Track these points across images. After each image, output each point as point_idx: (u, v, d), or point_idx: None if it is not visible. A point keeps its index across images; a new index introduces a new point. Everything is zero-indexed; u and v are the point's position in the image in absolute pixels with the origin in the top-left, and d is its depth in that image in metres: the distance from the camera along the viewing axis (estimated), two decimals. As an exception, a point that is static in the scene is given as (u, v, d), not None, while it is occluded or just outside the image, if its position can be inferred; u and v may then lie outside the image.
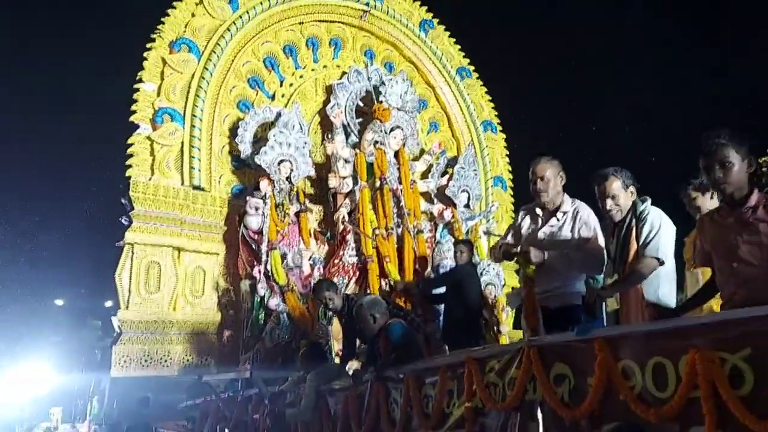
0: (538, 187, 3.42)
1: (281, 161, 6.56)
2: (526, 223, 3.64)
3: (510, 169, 9.09)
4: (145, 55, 6.57)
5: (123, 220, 6.24)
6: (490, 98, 9.17)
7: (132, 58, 6.64)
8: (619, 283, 2.99)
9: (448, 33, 8.97)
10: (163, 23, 6.72)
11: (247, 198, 6.41)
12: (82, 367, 10.57)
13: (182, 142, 6.54)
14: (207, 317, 6.45)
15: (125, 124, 6.40)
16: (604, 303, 2.87)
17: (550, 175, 3.43)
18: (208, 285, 6.54)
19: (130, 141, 6.36)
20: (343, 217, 6.79)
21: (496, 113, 9.16)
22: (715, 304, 2.57)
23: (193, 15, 6.84)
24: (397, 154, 7.20)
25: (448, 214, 7.52)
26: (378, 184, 6.86)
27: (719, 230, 2.41)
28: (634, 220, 3.03)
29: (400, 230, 6.84)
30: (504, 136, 9.15)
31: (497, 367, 2.97)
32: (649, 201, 3.09)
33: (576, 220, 3.38)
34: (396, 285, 6.37)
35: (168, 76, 6.58)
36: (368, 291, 6.37)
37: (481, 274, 6.74)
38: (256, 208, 6.32)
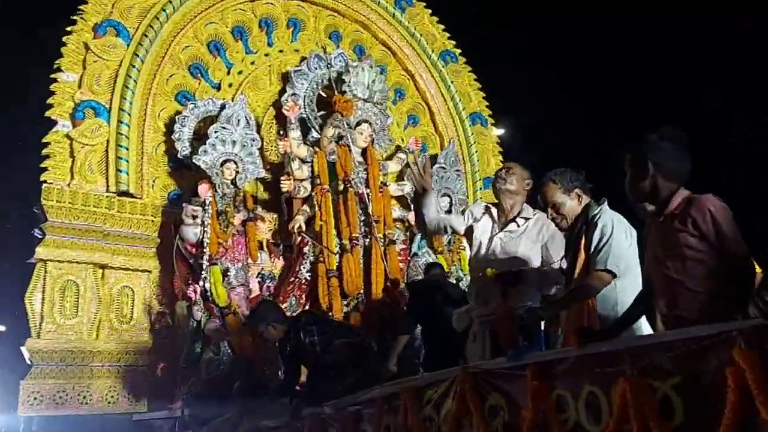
0: (500, 174, 3.68)
1: (224, 162, 6.53)
2: (483, 223, 3.74)
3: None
4: (64, 40, 6.50)
5: (36, 233, 6.18)
6: (480, 86, 9.15)
7: (49, 43, 6.64)
8: (561, 301, 3.02)
9: (429, 11, 8.95)
10: (86, 3, 6.67)
11: (184, 205, 6.38)
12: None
13: (107, 141, 6.46)
14: (137, 346, 6.34)
15: (41, 120, 6.34)
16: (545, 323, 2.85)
17: (518, 173, 3.66)
18: (137, 308, 6.45)
19: (46, 140, 6.28)
20: (299, 227, 6.75)
21: (487, 104, 9.13)
22: None
23: (121, -7, 6.82)
24: (364, 153, 7.20)
25: (426, 222, 7.50)
26: (341, 187, 6.84)
27: (649, 238, 2.42)
28: (584, 227, 3.03)
29: (367, 241, 6.83)
30: (496, 130, 9.14)
31: (434, 397, 2.97)
32: (605, 204, 3.08)
33: (541, 231, 3.57)
34: None
35: (91, 64, 6.51)
36: (330, 313, 6.37)
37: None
38: (194, 217, 6.30)
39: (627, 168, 2.50)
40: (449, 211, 7.70)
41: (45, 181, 6.19)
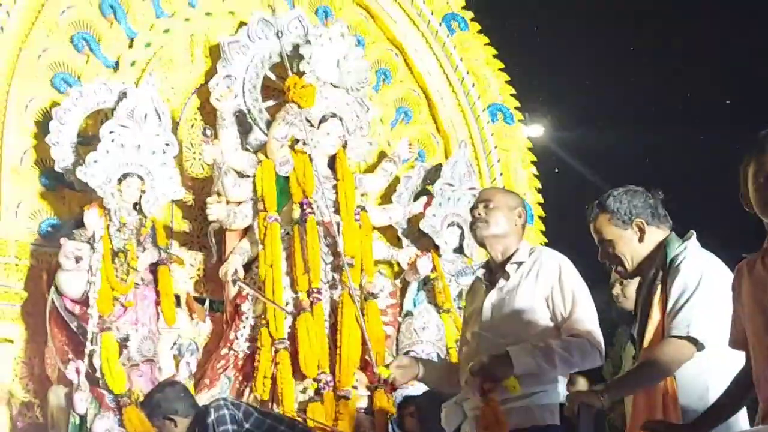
0: (476, 213, 3.83)
1: (124, 176, 6.57)
2: (476, 288, 4.02)
3: (539, 185, 9.16)
4: None
5: None
6: (503, 66, 9.27)
7: None
8: (623, 382, 3.20)
9: (426, -43, 9.12)
10: None
11: (63, 241, 6.37)
12: None
13: (-53, 146, 6.52)
14: (-11, 455, 6.34)
15: None
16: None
17: (499, 203, 3.83)
18: (-8, 396, 6.43)
19: None
20: (235, 273, 6.82)
21: (513, 91, 9.25)
22: None
23: (-31, -73, 6.91)
24: (333, 162, 7.34)
25: (425, 266, 7.58)
26: (297, 214, 6.96)
27: (757, 287, 2.43)
28: (660, 274, 3.14)
29: (336, 293, 6.94)
30: (525, 128, 9.25)
31: None
32: (693, 240, 3.20)
33: (540, 275, 3.68)
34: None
35: (-74, 32, 6.62)
36: (276, 407, 6.38)
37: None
38: (77, 259, 6.29)
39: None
40: (459, 249, 7.82)
41: None
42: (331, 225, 7.01)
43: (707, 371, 2.99)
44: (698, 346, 2.95)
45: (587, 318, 3.56)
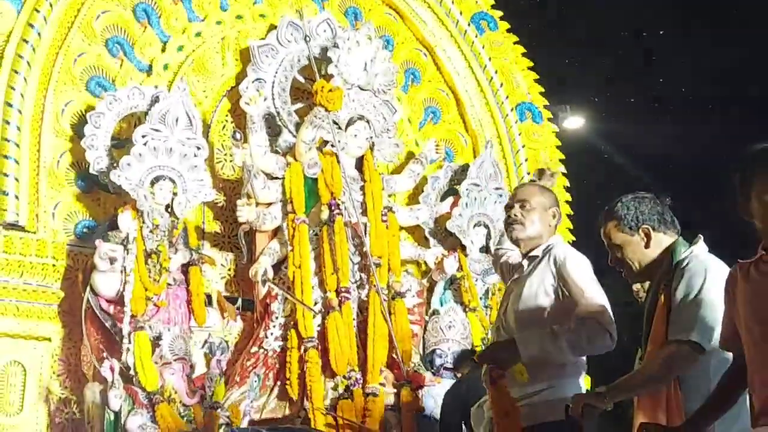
0: (512, 214, 3.92)
1: (156, 179, 6.70)
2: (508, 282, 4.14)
3: (567, 184, 9.18)
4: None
5: None
6: (532, 65, 9.33)
7: None
8: (626, 384, 3.19)
9: (455, -44, 9.18)
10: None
11: (98, 243, 6.53)
12: None
13: (-13, 151, 6.66)
14: (28, 448, 6.52)
15: None
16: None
17: (536, 204, 3.91)
18: (30, 392, 6.61)
19: None
20: (265, 273, 6.93)
21: (542, 90, 9.31)
22: None
23: (10, -62, 7.06)
24: (360, 164, 7.42)
25: (452, 265, 7.67)
26: (325, 215, 7.03)
27: (753, 293, 2.52)
28: (666, 278, 3.24)
29: (364, 294, 7.04)
30: (555, 128, 9.29)
31: None
32: (700, 244, 3.28)
33: (548, 264, 3.80)
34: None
35: (-33, 40, 6.77)
36: (305, 404, 6.51)
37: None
38: (111, 260, 6.42)
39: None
40: (485, 249, 7.87)
41: None
42: (358, 226, 7.10)
43: (711, 372, 3.04)
44: (699, 350, 3.01)
45: (594, 303, 3.62)
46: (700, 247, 3.31)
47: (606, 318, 3.57)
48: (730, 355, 2.97)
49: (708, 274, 3.12)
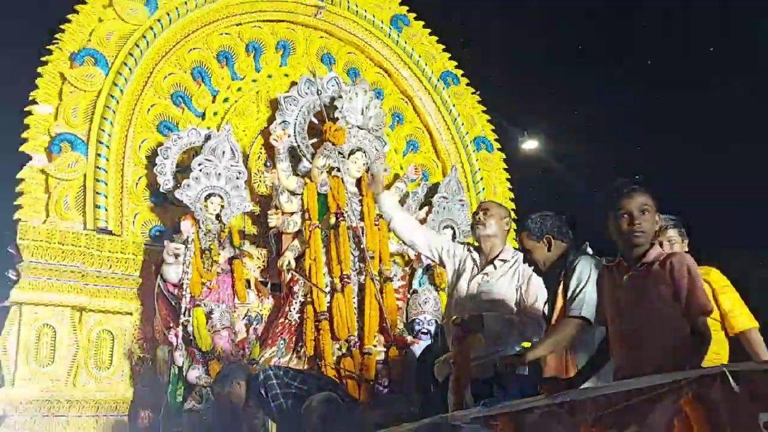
0: (478, 218, 3.97)
1: (209, 196, 6.81)
2: (467, 264, 4.05)
3: (513, 196, 9.29)
4: (39, 70, 6.83)
5: (10, 275, 6.46)
6: (485, 109, 9.43)
7: (23, 75, 6.94)
8: (534, 348, 3.29)
9: (428, 31, 9.27)
10: (63, 32, 7.02)
11: (165, 243, 6.64)
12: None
13: (84, 176, 6.76)
14: (116, 394, 6.60)
15: (14, 155, 6.64)
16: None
17: (494, 213, 3.99)
18: (117, 353, 6.71)
19: (20, 176, 6.59)
20: (289, 264, 7.01)
21: (493, 128, 9.42)
22: None
23: (100, 20, 7.13)
24: (359, 183, 7.45)
25: (427, 257, 7.73)
26: (333, 221, 7.10)
27: (613, 288, 2.65)
28: (563, 273, 3.36)
29: (361, 278, 7.06)
30: (503, 155, 9.39)
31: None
32: (586, 248, 3.37)
33: (516, 273, 3.82)
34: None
35: (68, 95, 6.83)
36: (319, 362, 6.60)
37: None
38: (176, 256, 6.54)
39: (644, 210, 2.67)
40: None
41: (19, 219, 6.48)
42: (357, 229, 7.12)
43: (594, 340, 3.12)
44: (587, 323, 3.12)
45: (540, 307, 3.70)
46: (587, 251, 3.40)
47: (542, 319, 3.67)
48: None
49: (591, 270, 3.22)
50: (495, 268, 3.91)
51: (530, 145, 12.95)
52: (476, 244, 4.23)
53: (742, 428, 1.87)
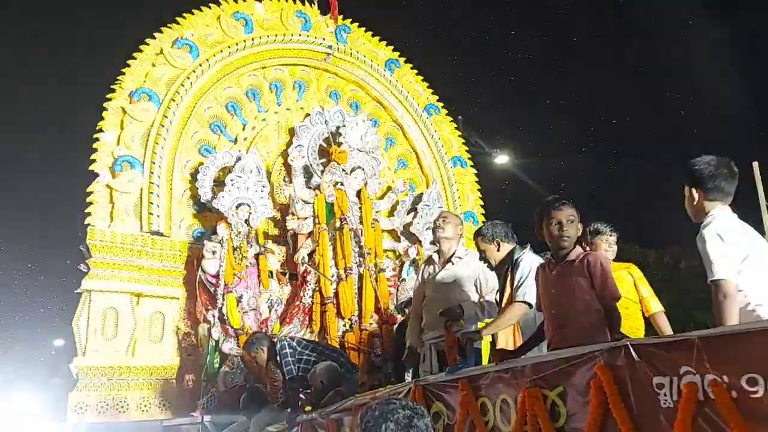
0: (438, 224, 4.10)
1: (239, 205, 6.87)
2: (427, 271, 4.21)
3: (482, 203, 9.36)
4: (105, 105, 6.96)
5: (81, 267, 6.55)
6: (460, 134, 9.52)
7: (92, 109, 7.07)
8: (488, 327, 3.34)
9: (415, 71, 9.33)
10: (123, 74, 7.13)
11: (205, 242, 6.72)
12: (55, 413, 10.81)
13: (141, 189, 6.84)
14: (166, 362, 6.69)
15: (86, 173, 6.77)
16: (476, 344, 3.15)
17: (450, 221, 4.12)
18: (167, 329, 6.79)
19: (89, 189, 6.70)
20: (303, 258, 7.07)
21: (467, 149, 9.50)
22: None
23: (153, 65, 7.25)
24: (359, 194, 7.50)
25: (413, 252, 7.83)
26: (338, 224, 7.16)
27: (546, 281, 2.74)
28: (510, 267, 3.39)
29: (361, 270, 7.11)
30: (474, 171, 9.46)
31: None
32: (528, 248, 3.43)
33: (473, 267, 3.93)
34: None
35: (128, 125, 6.94)
36: (326, 335, 6.66)
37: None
38: (213, 252, 6.63)
39: (571, 220, 2.75)
40: (433, 242, 7.97)
41: (89, 224, 6.60)
42: (357, 230, 7.20)
43: (535, 319, 3.20)
44: (530, 306, 3.19)
45: (493, 294, 3.78)
46: (527, 250, 3.46)
47: (494, 303, 3.75)
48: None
49: (532, 266, 3.27)
50: (452, 264, 4.01)
51: (500, 160, 13.09)
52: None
53: (640, 388, 1.95)
